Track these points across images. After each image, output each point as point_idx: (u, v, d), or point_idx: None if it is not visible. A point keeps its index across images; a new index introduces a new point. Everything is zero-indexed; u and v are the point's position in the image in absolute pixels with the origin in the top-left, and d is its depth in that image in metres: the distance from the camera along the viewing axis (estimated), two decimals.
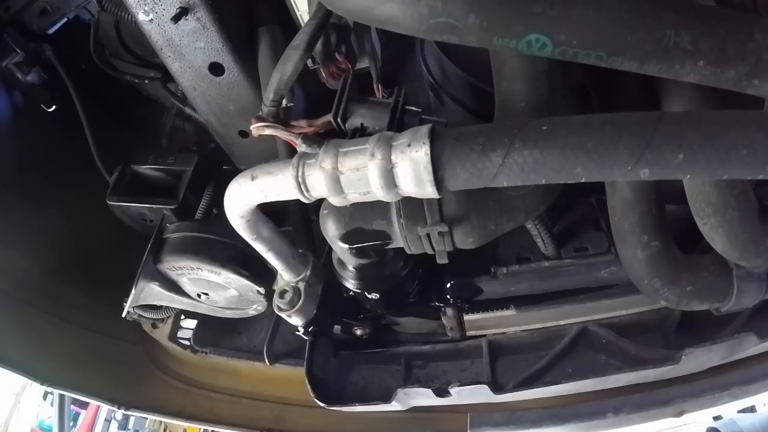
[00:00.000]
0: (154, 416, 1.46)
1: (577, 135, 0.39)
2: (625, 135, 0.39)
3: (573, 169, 0.39)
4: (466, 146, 0.42)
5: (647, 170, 0.38)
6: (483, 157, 0.41)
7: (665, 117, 0.39)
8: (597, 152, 0.39)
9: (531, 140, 0.40)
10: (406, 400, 1.09)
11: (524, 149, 0.40)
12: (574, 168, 0.39)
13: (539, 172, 0.40)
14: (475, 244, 0.60)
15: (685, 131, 0.38)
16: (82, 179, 1.14)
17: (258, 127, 0.56)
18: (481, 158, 0.42)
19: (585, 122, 0.40)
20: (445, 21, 0.40)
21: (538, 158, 0.40)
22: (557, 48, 0.40)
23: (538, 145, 0.40)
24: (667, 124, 0.38)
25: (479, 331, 1.06)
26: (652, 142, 0.38)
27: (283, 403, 1.37)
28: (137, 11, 0.71)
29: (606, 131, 0.39)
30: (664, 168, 0.38)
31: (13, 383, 3.51)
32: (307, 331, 0.83)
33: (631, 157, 0.38)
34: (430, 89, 0.77)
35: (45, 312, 1.22)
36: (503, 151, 0.41)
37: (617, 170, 0.39)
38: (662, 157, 0.38)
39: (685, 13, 0.40)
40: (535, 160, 0.40)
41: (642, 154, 0.38)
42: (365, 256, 0.69)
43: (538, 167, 0.40)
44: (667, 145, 0.38)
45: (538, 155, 0.40)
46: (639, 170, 0.38)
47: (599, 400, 1.00)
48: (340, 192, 0.48)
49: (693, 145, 0.37)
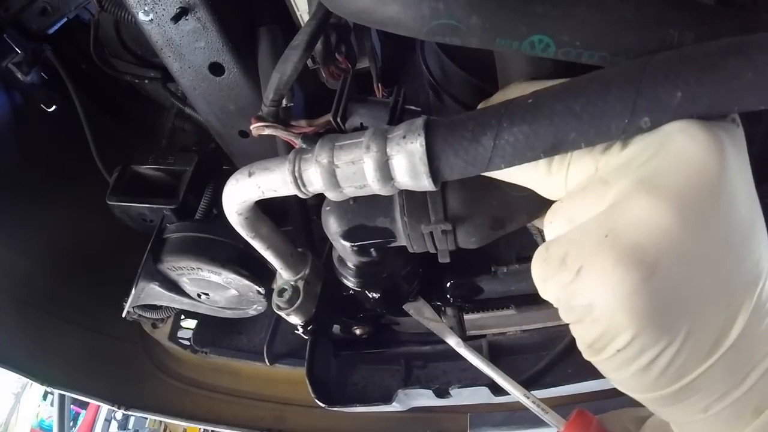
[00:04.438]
0: (154, 416, 1.47)
1: (562, 100, 0.38)
2: (612, 88, 0.36)
3: (567, 136, 0.38)
4: (457, 134, 0.41)
5: (647, 119, 0.36)
6: (475, 143, 0.40)
7: (653, 59, 0.36)
8: (587, 113, 0.37)
9: (518, 116, 0.39)
10: (407, 400, 1.09)
11: (513, 127, 0.39)
12: (567, 135, 0.37)
13: (534, 147, 0.39)
14: (478, 243, 0.59)
15: (677, 68, 0.35)
16: (82, 179, 1.14)
17: (257, 126, 0.55)
18: (473, 144, 0.40)
19: (569, 86, 0.38)
20: (447, 23, 0.40)
21: (529, 133, 0.38)
22: (560, 49, 0.40)
23: (526, 119, 0.38)
24: (656, 65, 0.36)
25: (479, 330, 1.07)
26: (643, 86, 0.35)
27: (283, 403, 1.37)
28: (137, 11, 0.71)
29: (592, 89, 0.37)
30: (665, 112, 0.36)
31: (13, 383, 3.52)
32: (306, 330, 0.82)
33: (625, 109, 0.36)
34: (431, 89, 0.77)
35: (45, 312, 1.22)
36: (493, 133, 0.39)
37: (614, 126, 0.36)
38: (658, 101, 0.35)
39: (687, 13, 0.39)
40: (526, 135, 0.38)
41: (635, 103, 0.36)
42: (366, 255, 0.69)
43: (531, 142, 0.38)
44: (660, 86, 0.35)
45: (527, 130, 0.38)
46: (638, 121, 0.36)
47: (600, 401, 1.00)
48: (336, 186, 0.48)
49: (689, 80, 0.34)
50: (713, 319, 0.37)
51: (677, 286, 0.36)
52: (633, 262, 0.35)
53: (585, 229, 0.39)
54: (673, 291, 0.36)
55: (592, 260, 0.37)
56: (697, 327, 0.36)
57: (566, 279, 0.39)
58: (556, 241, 0.41)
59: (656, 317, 0.36)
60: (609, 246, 0.36)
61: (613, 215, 0.37)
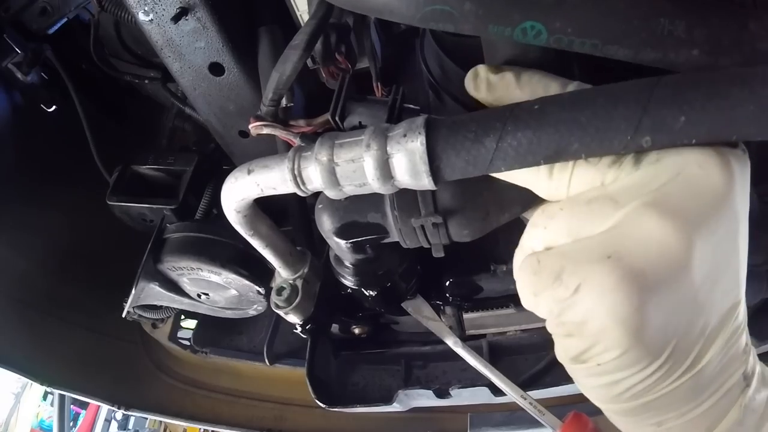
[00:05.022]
0: (154, 416, 1.47)
1: (569, 110, 0.38)
2: (620, 104, 0.37)
3: (570, 146, 0.38)
4: (460, 134, 0.41)
5: (648, 138, 0.36)
6: (477, 144, 0.40)
7: (662, 81, 0.37)
8: (592, 125, 0.37)
9: (523, 121, 0.39)
10: (407, 400, 1.09)
11: (517, 131, 0.39)
12: (570, 145, 0.38)
13: (535, 153, 0.39)
14: (471, 236, 0.59)
15: (684, 92, 0.36)
16: (82, 179, 1.14)
17: (256, 126, 0.55)
18: (475, 145, 0.40)
19: (577, 96, 0.39)
20: (440, 8, 0.40)
21: (533, 139, 0.38)
22: (552, 36, 0.40)
23: (531, 125, 0.39)
24: (664, 87, 0.36)
25: (479, 330, 1.07)
26: (650, 107, 0.36)
27: (283, 403, 1.37)
28: (137, 11, 0.71)
29: (599, 103, 0.37)
30: (667, 134, 0.36)
31: (13, 383, 3.52)
32: (304, 329, 0.82)
33: (629, 127, 0.36)
34: (430, 89, 0.77)
35: (45, 312, 1.22)
36: (496, 136, 0.40)
37: (617, 142, 0.37)
38: (662, 122, 0.36)
39: (679, 2, 0.40)
40: (529, 141, 0.39)
41: (640, 122, 0.36)
42: (362, 252, 0.69)
43: (534, 148, 0.39)
44: (666, 109, 0.36)
45: (531, 136, 0.38)
46: (640, 139, 0.36)
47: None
48: (335, 184, 0.48)
49: (694, 105, 0.35)
50: (692, 346, 0.38)
51: (672, 312, 0.37)
52: (635, 285, 0.36)
53: (586, 246, 0.39)
54: (666, 316, 0.37)
55: (592, 279, 0.37)
56: (677, 352, 0.38)
57: (562, 295, 0.39)
58: (551, 255, 0.41)
59: (646, 340, 0.37)
60: (612, 266, 0.36)
61: (619, 236, 0.37)
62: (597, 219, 0.39)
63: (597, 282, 0.37)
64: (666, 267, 0.36)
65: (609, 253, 0.37)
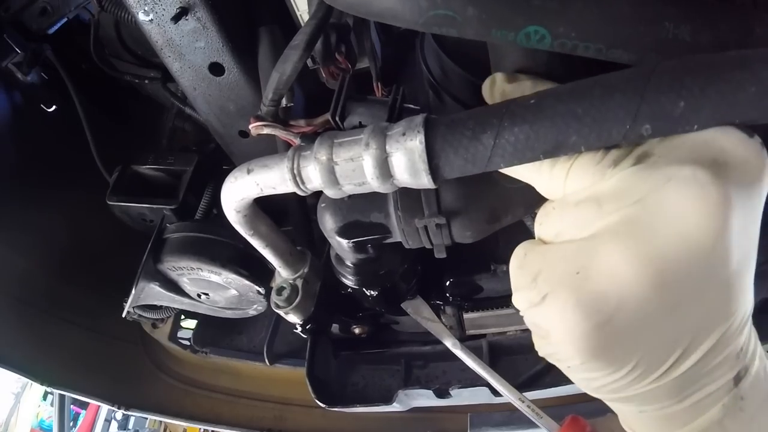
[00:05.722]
0: (154, 416, 1.46)
1: (565, 102, 0.37)
2: (616, 93, 0.36)
3: (568, 138, 0.37)
4: (458, 132, 0.41)
5: (648, 126, 0.36)
6: (475, 141, 0.40)
7: (659, 67, 0.36)
8: (589, 116, 0.36)
9: (519, 116, 0.39)
10: (407, 400, 1.09)
11: (514, 126, 0.39)
12: (569, 137, 0.37)
13: (534, 148, 0.39)
14: (473, 238, 0.59)
15: (681, 78, 0.35)
16: (81, 179, 1.14)
17: (256, 126, 0.55)
18: (473, 142, 0.40)
19: (573, 88, 0.38)
20: (443, 13, 0.40)
21: (530, 133, 0.38)
22: (556, 40, 0.40)
23: (527, 120, 0.38)
24: (661, 74, 0.35)
25: (479, 330, 1.06)
26: (647, 94, 0.35)
27: (283, 403, 1.37)
28: (137, 11, 0.71)
29: (596, 93, 0.37)
30: (667, 121, 0.35)
31: (13, 383, 3.52)
32: (304, 328, 0.82)
33: (627, 115, 0.36)
34: (430, 88, 0.77)
35: (45, 312, 1.22)
36: (493, 132, 0.39)
37: (615, 132, 0.36)
38: (661, 109, 0.35)
39: (684, 6, 0.39)
40: (526, 136, 0.38)
41: (638, 110, 0.35)
42: (363, 251, 0.69)
43: (532, 143, 0.38)
44: (664, 95, 0.35)
45: (528, 130, 0.38)
46: (639, 128, 0.36)
47: (599, 401, 1.00)
48: (335, 183, 0.48)
49: (693, 90, 0.34)
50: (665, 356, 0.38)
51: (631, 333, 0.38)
52: (592, 310, 0.37)
53: (564, 253, 0.40)
54: (625, 336, 0.38)
55: (557, 293, 0.39)
56: (646, 362, 0.38)
57: (533, 299, 0.41)
58: (535, 253, 0.42)
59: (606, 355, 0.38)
60: (575, 286, 0.38)
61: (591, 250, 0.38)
62: (581, 224, 0.40)
63: (561, 297, 0.38)
64: (627, 295, 0.36)
65: (578, 268, 0.38)
